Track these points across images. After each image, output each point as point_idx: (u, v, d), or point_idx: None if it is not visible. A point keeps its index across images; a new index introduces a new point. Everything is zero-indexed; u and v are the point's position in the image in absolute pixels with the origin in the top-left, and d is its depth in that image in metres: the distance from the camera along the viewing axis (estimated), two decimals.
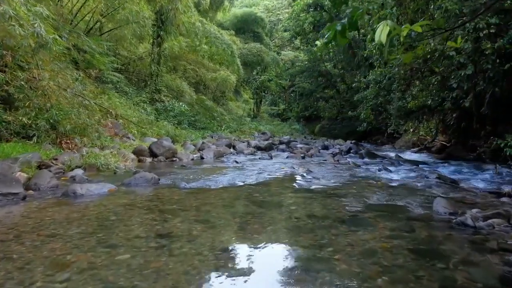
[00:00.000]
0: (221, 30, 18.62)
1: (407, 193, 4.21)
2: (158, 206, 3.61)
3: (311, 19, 21.92)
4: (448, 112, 10.60)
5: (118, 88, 13.33)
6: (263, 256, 2.34)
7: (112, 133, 9.69)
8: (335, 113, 27.27)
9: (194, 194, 4.17)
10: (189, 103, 18.13)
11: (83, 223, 3.01)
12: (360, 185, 4.78)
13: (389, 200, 3.85)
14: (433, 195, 4.03)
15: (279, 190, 4.48)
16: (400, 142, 17.01)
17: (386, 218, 3.11)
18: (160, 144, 7.78)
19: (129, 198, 3.97)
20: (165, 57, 17.00)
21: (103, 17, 13.72)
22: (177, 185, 4.68)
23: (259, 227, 2.93)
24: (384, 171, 6.11)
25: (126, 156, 7.26)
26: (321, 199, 3.88)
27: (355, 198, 3.92)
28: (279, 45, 34.88)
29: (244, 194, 4.23)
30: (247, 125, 21.55)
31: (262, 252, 2.40)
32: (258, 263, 2.21)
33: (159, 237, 2.65)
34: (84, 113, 7.63)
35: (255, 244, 2.52)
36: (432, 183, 4.79)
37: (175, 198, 3.97)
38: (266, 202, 3.78)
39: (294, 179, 5.28)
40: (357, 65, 22.27)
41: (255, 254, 2.35)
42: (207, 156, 8.29)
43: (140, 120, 10.53)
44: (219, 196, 4.11)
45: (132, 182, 4.73)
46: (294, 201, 3.82)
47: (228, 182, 4.97)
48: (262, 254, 2.37)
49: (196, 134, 13.78)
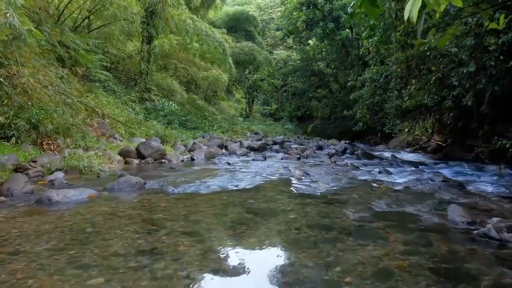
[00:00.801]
0: (212, 28, 18.20)
1: (414, 198, 3.89)
2: (142, 215, 3.25)
3: (304, 17, 21.61)
4: (445, 112, 10.37)
5: (107, 87, 12.89)
6: (261, 280, 1.99)
7: (99, 133, 9.27)
8: (327, 113, 27.07)
9: (183, 201, 3.81)
10: (180, 102, 17.71)
11: (54, 236, 2.64)
12: (362, 189, 4.46)
13: (397, 206, 3.52)
14: (443, 201, 3.72)
15: (275, 195, 4.13)
16: (394, 142, 16.79)
17: (397, 229, 2.78)
18: (148, 144, 7.38)
19: (110, 205, 3.59)
20: (155, 55, 16.54)
21: (91, 14, 13.28)
22: (164, 190, 4.31)
23: (255, 241, 2.58)
24: (384, 173, 5.80)
25: (112, 158, 6.86)
26: (322, 206, 3.54)
27: (359, 205, 3.59)
28: (271, 44, 34.57)
29: (237, 200, 3.88)
30: (240, 125, 21.18)
31: (259, 274, 2.06)
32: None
33: (140, 254, 2.29)
34: (67, 112, 7.21)
35: (251, 264, 2.18)
36: (438, 186, 4.49)
37: (162, 206, 3.60)
38: (262, 210, 3.43)
39: (290, 183, 4.94)
40: (351, 64, 22.04)
41: (251, 277, 2.00)
42: (197, 157, 7.92)
43: (128, 120, 10.11)
44: (210, 203, 3.75)
45: (115, 187, 4.35)
46: (292, 208, 3.48)
47: (220, 186, 4.61)
48: (259, 277, 2.02)
49: (187, 134, 13.39)
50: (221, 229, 2.87)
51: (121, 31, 12.95)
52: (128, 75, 16.91)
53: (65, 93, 7.73)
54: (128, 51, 16.79)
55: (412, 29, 10.33)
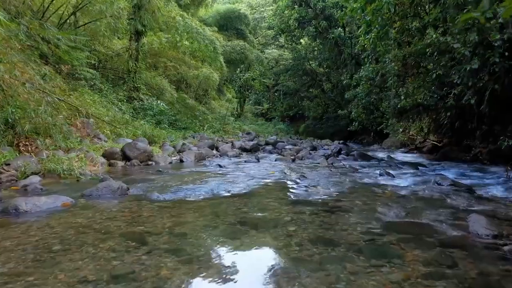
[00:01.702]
0: (203, 25, 17.76)
1: (424, 205, 3.55)
2: (120, 228, 2.84)
3: (296, 15, 21.29)
4: (441, 111, 10.10)
5: (93, 86, 12.40)
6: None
7: (83, 133, 8.82)
8: (320, 113, 26.86)
9: (168, 209, 3.41)
10: (170, 101, 17.27)
11: (14, 256, 2.23)
12: (365, 194, 4.10)
13: (407, 215, 3.17)
14: (457, 208, 3.39)
15: (271, 202, 3.75)
16: (387, 142, 16.57)
17: (413, 244, 2.42)
18: (134, 145, 6.95)
19: (86, 215, 3.18)
20: (144, 53, 16.09)
21: (77, 10, 12.81)
22: (148, 196, 3.90)
23: (251, 262, 2.21)
24: (385, 175, 5.46)
25: (95, 160, 6.43)
26: (324, 215, 3.17)
27: (365, 213, 3.23)
28: (263, 43, 34.20)
29: (229, 208, 3.49)
30: (231, 125, 20.78)
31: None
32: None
33: (114, 281, 1.89)
34: (47, 111, 6.74)
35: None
36: (446, 191, 4.15)
37: (144, 216, 3.20)
38: (257, 221, 3.05)
39: (287, 187, 4.56)
40: (343, 63, 21.78)
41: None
42: (187, 159, 7.50)
43: (113, 119, 9.64)
44: (199, 212, 3.36)
45: (93, 193, 3.94)
46: (291, 218, 3.10)
47: (210, 192, 4.22)
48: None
49: (177, 135, 12.96)
50: (212, 246, 2.47)
51: (107, 27, 12.45)
52: (116, 73, 16.41)
53: (45, 90, 7.24)
54: (116, 49, 16.31)
55: (408, 26, 10.07)
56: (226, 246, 2.44)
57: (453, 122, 10.08)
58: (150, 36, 16.87)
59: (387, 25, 7.82)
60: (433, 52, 8.18)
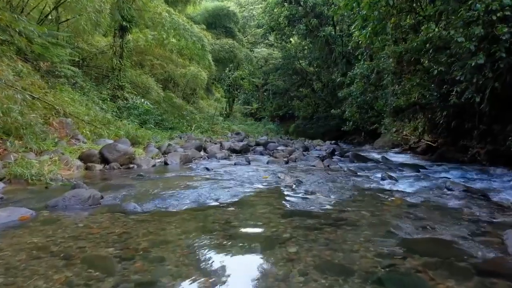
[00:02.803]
0: (190, 22, 17.20)
1: (441, 216, 3.10)
2: (84, 251, 2.33)
3: (287, 12, 20.86)
4: (437, 110, 9.77)
5: (75, 84, 11.77)
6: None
7: (62, 134, 8.24)
8: (310, 113, 26.55)
9: (146, 224, 2.90)
10: (156, 100, 16.68)
11: None
12: (371, 202, 3.64)
13: (425, 230, 2.72)
14: (479, 219, 2.95)
15: (265, 213, 3.26)
16: (379, 142, 16.26)
17: (443, 271, 1.97)
18: (113, 147, 6.39)
19: (45, 233, 2.66)
20: (129, 51, 15.47)
21: (59, 5, 12.19)
22: (124, 207, 3.38)
23: None
24: (388, 180, 5.02)
25: (70, 163, 5.87)
26: (329, 231, 2.70)
27: (376, 228, 2.77)
28: (252, 42, 33.72)
29: (217, 222, 2.99)
30: (220, 125, 20.24)
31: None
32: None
33: None
34: (18, 109, 6.16)
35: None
36: (460, 198, 3.72)
37: (116, 232, 2.69)
38: (250, 239, 2.56)
39: (282, 194, 4.08)
40: (334, 62, 21.44)
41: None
42: (172, 162, 6.97)
43: (94, 119, 9.04)
44: (182, 227, 2.85)
45: (60, 203, 3.40)
46: (290, 234, 2.62)
47: (196, 201, 3.71)
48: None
49: (163, 135, 12.40)
50: (194, 277, 1.97)
51: (87, 21, 11.84)
52: (99, 71, 15.76)
53: (17, 88, 6.65)
54: (101, 47, 15.66)
55: (403, 23, 9.70)
56: (212, 278, 1.94)
57: (449, 122, 9.76)
58: (136, 33, 16.27)
59: (384, 19, 7.40)
60: (430, 48, 7.82)
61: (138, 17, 15.37)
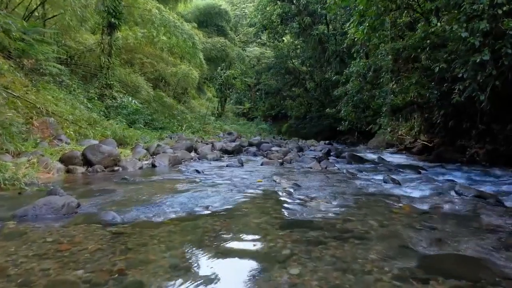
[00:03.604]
0: (181, 19, 16.80)
1: (457, 226, 2.78)
2: (48, 274, 1.95)
3: (279, 10, 20.55)
4: (435, 109, 9.52)
5: (61, 82, 11.30)
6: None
7: (46, 134, 7.81)
8: (302, 112, 26.33)
9: (125, 238, 2.53)
10: (146, 100, 16.23)
11: None
12: (377, 210, 3.30)
13: (443, 243, 2.39)
14: (502, 230, 2.63)
15: (261, 224, 2.90)
16: (373, 142, 16.03)
17: None
18: (97, 148, 5.98)
19: (7, 250, 2.27)
20: (118, 49, 15.00)
21: (45, 0, 11.78)
22: (102, 217, 2.99)
23: None
24: (391, 183, 4.70)
25: (49, 166, 5.45)
26: (335, 246, 2.35)
27: (388, 242, 2.42)
28: (244, 40, 33.36)
29: (207, 234, 2.63)
30: (212, 125, 19.84)
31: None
32: None
33: None
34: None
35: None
36: (474, 204, 3.40)
37: (89, 249, 2.31)
38: (245, 257, 2.21)
39: (279, 201, 3.72)
40: (327, 61, 21.19)
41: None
42: (160, 164, 6.57)
43: (79, 119, 8.60)
44: (166, 242, 2.47)
45: (29, 212, 3.01)
46: (291, 251, 2.26)
47: (183, 209, 3.34)
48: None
49: (152, 135, 11.98)
50: None
51: (73, 16, 11.41)
52: (87, 69, 15.27)
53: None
54: (89, 44, 15.17)
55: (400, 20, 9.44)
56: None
57: (446, 121, 9.51)
58: (125, 31, 15.82)
59: (382, 14, 7.10)
60: (428, 45, 7.55)
61: (127, 13, 14.93)
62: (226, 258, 2.17)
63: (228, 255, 2.22)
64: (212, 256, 2.19)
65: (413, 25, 9.26)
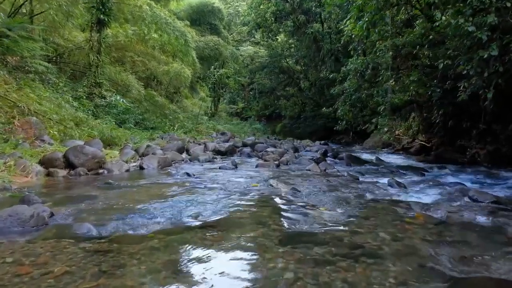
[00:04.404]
0: (173, 16, 16.39)
1: (481, 239, 2.45)
2: None
3: (274, 8, 20.21)
4: (434, 108, 9.25)
5: (48, 80, 10.86)
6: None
7: (30, 134, 7.39)
8: (297, 112, 26.08)
9: (99, 256, 2.16)
10: (137, 99, 15.80)
11: None
12: (388, 220, 2.95)
13: (470, 262, 2.05)
14: None
15: (258, 237, 2.53)
16: (369, 142, 15.77)
17: None
18: (80, 150, 5.57)
19: None
20: (107, 46, 14.55)
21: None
22: (76, 229, 2.62)
23: None
24: (396, 187, 4.37)
25: (28, 169, 5.05)
26: (345, 267, 1.99)
27: (406, 261, 2.08)
28: (237, 39, 32.99)
29: (196, 252, 2.26)
30: (204, 125, 19.44)
31: None
32: None
33: None
34: None
35: None
36: (491, 211, 3.07)
37: (54, 273, 1.93)
38: (241, 282, 1.85)
39: (277, 209, 3.36)
40: (322, 60, 20.91)
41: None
42: (148, 166, 6.19)
43: (64, 118, 8.18)
44: (147, 262, 2.11)
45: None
46: (294, 274, 1.90)
47: (170, 219, 2.97)
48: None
49: (143, 135, 11.57)
50: None
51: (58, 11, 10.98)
52: (76, 68, 14.81)
53: None
54: (78, 42, 14.71)
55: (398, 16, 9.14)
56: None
57: (446, 121, 9.26)
58: (115, 28, 15.38)
59: (382, 9, 6.78)
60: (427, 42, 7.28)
61: (116, 10, 14.51)
62: (217, 286, 1.81)
63: (220, 283, 1.86)
64: (200, 283, 1.83)
65: (411, 22, 8.99)
